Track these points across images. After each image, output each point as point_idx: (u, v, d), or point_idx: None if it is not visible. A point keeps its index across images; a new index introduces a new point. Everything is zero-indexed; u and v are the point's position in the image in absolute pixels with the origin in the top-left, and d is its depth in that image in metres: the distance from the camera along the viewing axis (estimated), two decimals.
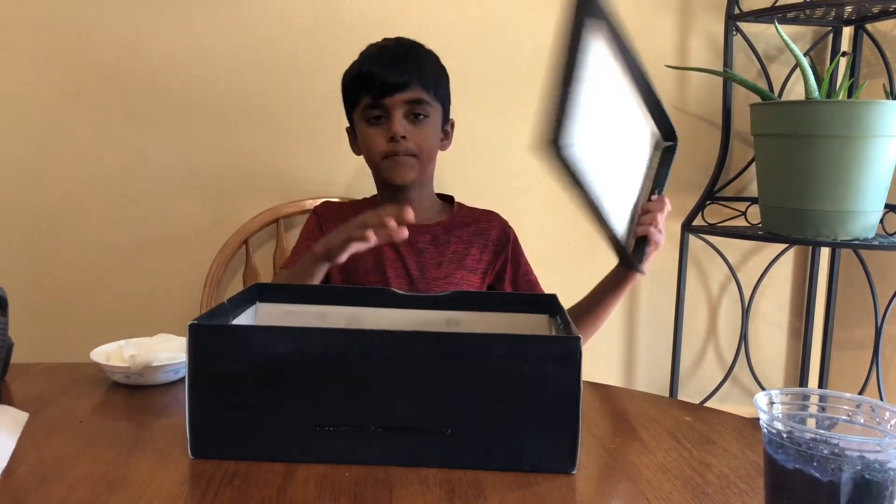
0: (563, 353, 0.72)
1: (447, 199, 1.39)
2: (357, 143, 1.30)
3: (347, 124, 1.32)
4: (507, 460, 0.74)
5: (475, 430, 0.74)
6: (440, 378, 0.73)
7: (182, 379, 0.99)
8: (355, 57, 1.29)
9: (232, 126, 1.67)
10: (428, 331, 0.75)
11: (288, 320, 0.97)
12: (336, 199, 1.60)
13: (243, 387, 0.74)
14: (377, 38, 1.30)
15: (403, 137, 1.20)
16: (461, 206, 1.37)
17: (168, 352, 0.98)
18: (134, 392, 0.95)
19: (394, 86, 1.19)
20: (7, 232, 1.64)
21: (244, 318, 0.92)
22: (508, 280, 1.32)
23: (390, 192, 1.28)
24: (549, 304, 0.98)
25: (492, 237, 1.32)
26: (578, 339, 0.72)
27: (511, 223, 1.37)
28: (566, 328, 0.81)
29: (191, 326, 0.73)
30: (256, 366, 0.73)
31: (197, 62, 1.65)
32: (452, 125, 1.33)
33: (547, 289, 1.70)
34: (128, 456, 0.75)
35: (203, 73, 1.65)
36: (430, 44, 1.30)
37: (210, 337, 0.74)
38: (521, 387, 0.73)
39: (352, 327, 0.78)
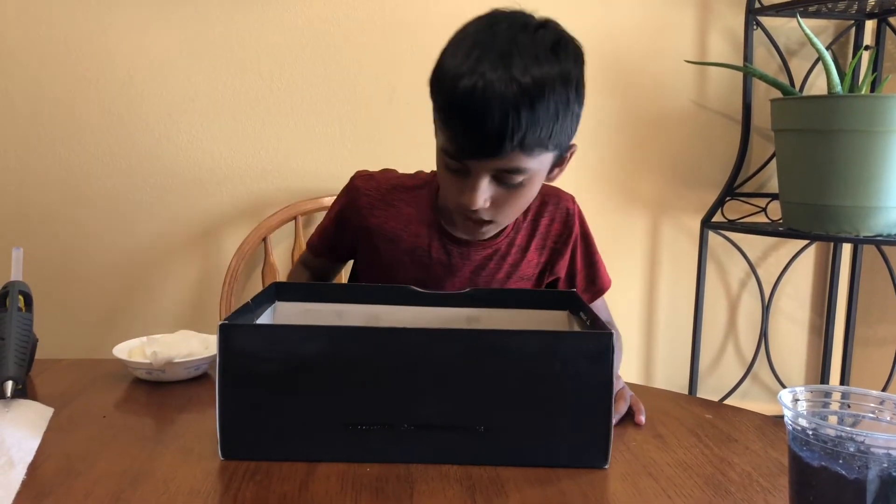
0: (595, 349, 0.72)
1: None
2: None
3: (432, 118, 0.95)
4: (541, 456, 0.74)
5: (508, 427, 0.74)
6: (473, 375, 0.73)
7: (203, 375, 1.00)
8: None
9: (250, 124, 1.68)
10: (461, 328, 0.74)
11: (306, 319, 0.97)
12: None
13: (274, 386, 0.73)
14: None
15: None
16: None
17: (189, 348, 0.99)
18: (156, 388, 0.96)
19: (484, 152, 0.86)
20: (31, 229, 1.66)
21: (264, 318, 0.92)
22: (577, 286, 1.12)
23: None
24: (569, 301, 0.97)
25: (551, 233, 1.10)
26: (611, 334, 0.72)
27: None
28: (593, 324, 0.81)
29: (221, 326, 0.73)
30: (287, 365, 0.73)
31: (214, 60, 1.66)
32: (573, 152, 0.98)
33: None
34: (151, 451, 0.76)
35: (220, 69, 1.66)
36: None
37: (240, 337, 0.73)
38: (554, 383, 0.73)
39: (371, 325, 0.78)
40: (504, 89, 0.82)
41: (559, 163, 0.97)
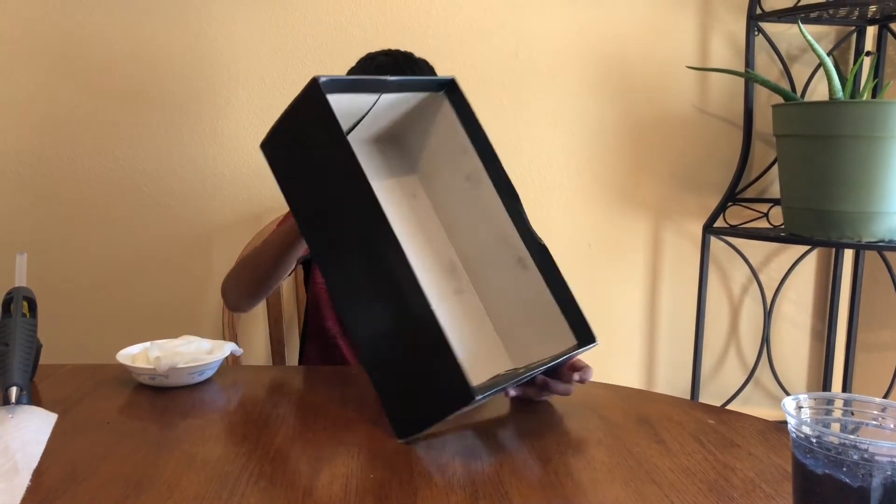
0: None
1: None
2: None
3: None
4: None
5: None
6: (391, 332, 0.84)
7: (206, 381, 1.00)
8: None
9: (252, 128, 1.69)
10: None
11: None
12: None
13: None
14: (396, 45, 1.28)
15: None
16: None
17: (193, 353, 0.99)
18: (159, 393, 0.96)
19: None
20: (34, 235, 1.67)
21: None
22: None
23: None
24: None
25: None
26: None
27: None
28: None
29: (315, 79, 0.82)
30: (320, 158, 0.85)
31: (215, 63, 1.66)
32: None
33: None
34: (155, 456, 0.76)
35: (223, 74, 1.67)
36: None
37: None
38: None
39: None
40: (398, 59, 1.22)
41: None
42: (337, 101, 0.84)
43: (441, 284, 0.98)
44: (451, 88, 0.97)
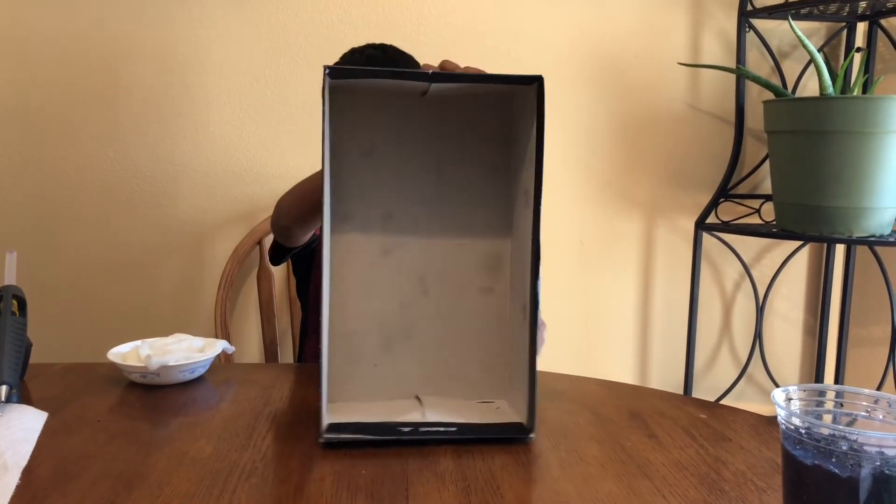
0: None
1: None
2: None
3: None
4: None
5: None
6: None
7: (198, 379, 1.00)
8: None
9: (245, 127, 1.68)
10: None
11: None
12: None
13: None
14: (389, 43, 1.28)
15: None
16: None
17: (184, 352, 0.99)
18: (150, 391, 0.96)
19: None
20: (25, 233, 1.66)
21: None
22: None
23: None
24: None
25: None
26: None
27: None
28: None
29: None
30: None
31: (207, 61, 1.66)
32: None
33: (559, 290, 1.70)
34: (146, 455, 0.76)
35: (215, 72, 1.66)
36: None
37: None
38: None
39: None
40: (388, 51, 1.23)
41: None
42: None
43: (469, 279, 0.91)
44: (539, 86, 0.82)
